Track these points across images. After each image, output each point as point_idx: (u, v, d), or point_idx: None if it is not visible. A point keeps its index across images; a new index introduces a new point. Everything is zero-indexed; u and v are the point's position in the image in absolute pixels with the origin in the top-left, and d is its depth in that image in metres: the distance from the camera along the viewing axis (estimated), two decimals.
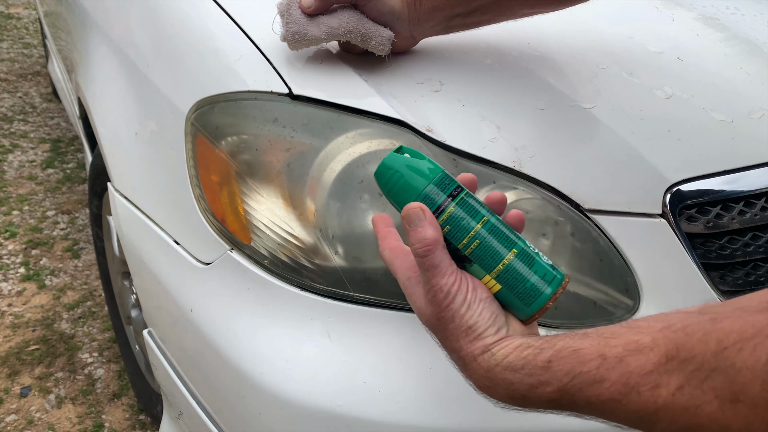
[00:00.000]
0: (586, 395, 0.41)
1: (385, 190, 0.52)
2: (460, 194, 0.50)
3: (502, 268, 0.48)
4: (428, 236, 0.47)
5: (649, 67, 0.80)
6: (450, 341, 0.48)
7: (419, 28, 0.72)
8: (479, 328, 0.47)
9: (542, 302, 0.48)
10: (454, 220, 0.49)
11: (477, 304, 0.47)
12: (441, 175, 0.50)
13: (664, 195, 0.71)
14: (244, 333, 0.69)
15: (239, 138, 0.72)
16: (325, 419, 0.65)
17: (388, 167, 0.51)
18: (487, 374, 0.46)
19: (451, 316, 0.47)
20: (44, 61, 3.53)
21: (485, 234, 0.49)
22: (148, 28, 0.94)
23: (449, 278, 0.47)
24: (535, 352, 0.44)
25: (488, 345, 0.46)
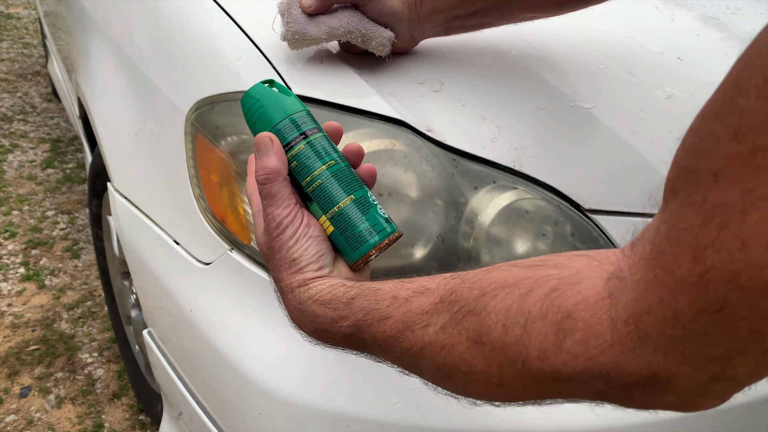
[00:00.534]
0: (373, 331, 0.43)
1: (246, 118, 0.53)
2: (315, 134, 0.51)
3: (336, 211, 0.50)
4: (270, 165, 0.49)
5: (649, 67, 0.80)
6: (275, 271, 0.50)
7: (419, 29, 0.72)
8: (302, 262, 0.48)
9: (367, 248, 0.50)
10: (302, 157, 0.50)
11: (306, 239, 0.49)
12: (300, 114, 0.51)
13: None
14: (243, 333, 0.69)
15: (239, 138, 0.72)
16: (324, 419, 0.64)
17: (251, 96, 0.52)
18: (299, 306, 0.48)
19: (279, 247, 0.49)
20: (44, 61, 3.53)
21: (328, 176, 0.50)
22: (148, 28, 0.94)
23: (284, 209, 0.49)
24: (345, 290, 0.46)
25: (307, 279, 0.48)
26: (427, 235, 0.67)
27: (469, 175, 0.68)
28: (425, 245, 0.67)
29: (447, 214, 0.67)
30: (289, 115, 0.51)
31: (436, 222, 0.67)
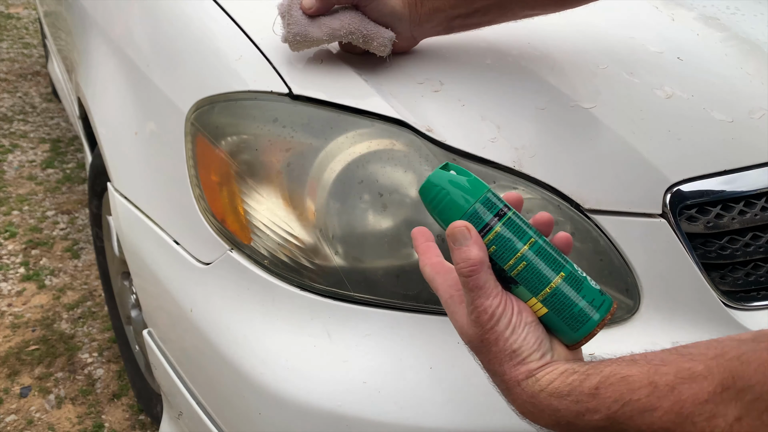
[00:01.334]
0: (637, 424, 0.40)
1: (430, 207, 0.51)
2: (507, 214, 0.48)
3: (549, 292, 0.47)
4: (473, 256, 0.46)
5: (649, 67, 0.80)
6: (492, 364, 0.47)
7: (420, 29, 0.72)
8: (523, 353, 0.46)
9: (590, 328, 0.47)
10: (501, 240, 0.47)
11: (522, 327, 0.46)
12: (488, 194, 0.48)
13: (665, 195, 0.70)
14: (243, 333, 0.69)
15: (239, 138, 0.72)
16: (324, 419, 0.64)
17: (433, 184, 0.50)
18: (531, 400, 0.45)
19: (495, 339, 0.46)
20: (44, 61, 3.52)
21: (532, 256, 0.47)
22: (148, 28, 0.94)
23: (494, 300, 0.46)
24: (581, 378, 0.43)
25: (532, 370, 0.45)
26: None
27: None
28: None
29: None
30: (477, 198, 0.48)
31: None
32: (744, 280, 0.73)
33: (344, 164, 0.68)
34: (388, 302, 0.68)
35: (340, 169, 0.68)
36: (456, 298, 0.50)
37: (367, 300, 0.68)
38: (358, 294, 0.68)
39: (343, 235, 0.67)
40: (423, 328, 0.67)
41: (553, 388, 0.44)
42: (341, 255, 0.68)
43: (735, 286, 0.73)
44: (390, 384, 0.65)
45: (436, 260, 0.53)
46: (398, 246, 0.67)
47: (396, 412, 0.64)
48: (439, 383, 0.65)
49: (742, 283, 0.73)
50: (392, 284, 0.67)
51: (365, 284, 0.68)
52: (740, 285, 0.73)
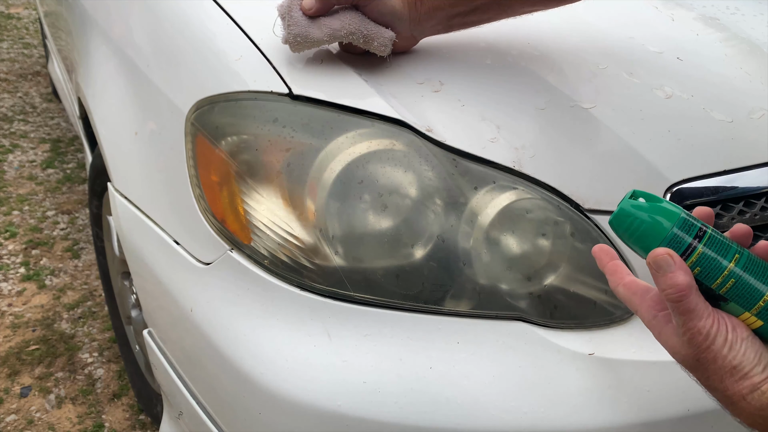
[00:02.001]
0: None
1: (625, 237, 0.50)
2: (706, 233, 0.48)
3: (763, 305, 0.46)
4: (680, 281, 0.46)
5: (649, 67, 0.80)
6: (713, 381, 0.47)
7: (420, 28, 0.72)
8: (745, 368, 0.46)
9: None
10: (705, 260, 0.47)
11: (739, 343, 0.46)
12: (683, 216, 0.48)
13: (664, 195, 0.71)
14: (244, 333, 0.69)
15: (239, 138, 0.72)
16: (324, 419, 0.64)
17: (627, 213, 0.49)
18: (760, 413, 0.45)
19: (713, 358, 0.46)
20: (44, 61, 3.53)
21: (739, 271, 0.47)
22: (148, 28, 0.94)
23: (707, 321, 0.46)
24: None
25: (756, 384, 0.45)
26: (427, 235, 0.67)
27: (469, 175, 0.68)
28: (425, 245, 0.67)
29: (447, 214, 0.67)
30: (674, 222, 0.48)
31: (436, 222, 0.67)
32: None
33: (344, 164, 0.68)
34: (388, 302, 0.68)
35: (340, 169, 0.68)
36: (661, 318, 0.50)
37: (367, 300, 0.68)
38: (358, 294, 0.68)
39: (343, 235, 0.67)
40: (423, 328, 0.67)
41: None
42: (341, 255, 0.68)
43: None
44: (390, 384, 0.65)
45: (629, 279, 0.52)
46: (398, 246, 0.67)
47: (396, 412, 0.64)
48: (439, 383, 0.65)
49: None
50: (392, 284, 0.67)
51: (365, 284, 0.68)
52: None
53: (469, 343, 0.67)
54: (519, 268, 0.69)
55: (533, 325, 0.68)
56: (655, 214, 0.48)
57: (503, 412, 0.64)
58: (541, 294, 0.69)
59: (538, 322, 0.69)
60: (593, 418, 0.65)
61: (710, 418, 0.68)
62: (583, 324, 0.70)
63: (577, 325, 0.70)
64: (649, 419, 0.66)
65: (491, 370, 0.66)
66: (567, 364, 0.67)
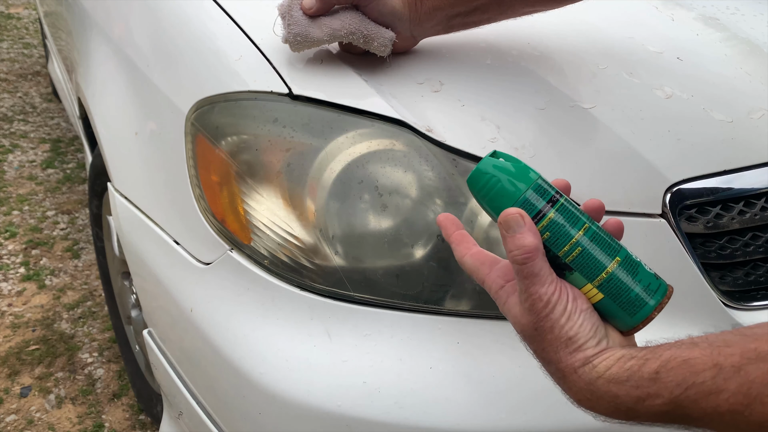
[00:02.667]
0: (702, 407, 0.39)
1: (479, 196, 0.50)
2: (560, 200, 0.48)
3: (605, 277, 0.46)
4: (528, 243, 0.45)
5: (649, 67, 0.80)
6: (547, 352, 0.46)
7: (420, 28, 0.72)
8: (579, 340, 0.45)
9: (647, 312, 0.46)
10: (555, 226, 0.47)
11: (578, 314, 0.46)
12: (539, 181, 0.48)
13: (664, 195, 0.71)
14: (244, 333, 0.69)
15: (239, 138, 0.72)
16: (324, 419, 0.64)
17: (483, 172, 0.49)
18: (588, 387, 0.44)
19: (550, 327, 0.45)
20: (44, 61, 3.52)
21: (586, 241, 0.47)
22: (148, 28, 0.94)
23: (549, 287, 0.46)
24: (639, 363, 0.43)
25: (589, 357, 0.45)
26: (427, 235, 0.67)
27: None
28: (425, 245, 0.67)
29: None
30: (529, 185, 0.48)
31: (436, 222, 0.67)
32: (744, 280, 0.73)
33: (344, 164, 0.68)
34: (388, 302, 0.68)
35: (340, 169, 0.68)
36: (508, 288, 0.49)
37: (367, 300, 0.68)
38: (358, 294, 0.68)
39: (343, 235, 0.67)
40: (423, 328, 0.67)
41: (611, 374, 0.43)
42: (341, 255, 0.68)
43: (735, 286, 0.73)
44: (390, 384, 0.65)
45: (476, 250, 0.52)
46: (398, 246, 0.67)
47: (396, 412, 0.64)
48: (439, 383, 0.65)
49: (741, 283, 0.73)
50: (392, 284, 0.67)
51: (365, 284, 0.68)
52: (740, 285, 0.73)
53: (469, 343, 0.67)
54: None
55: None
56: (511, 175, 0.48)
57: (503, 412, 0.65)
58: None
59: None
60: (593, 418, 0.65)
61: None
62: None
63: None
64: None
65: (491, 370, 0.66)
66: None
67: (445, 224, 0.54)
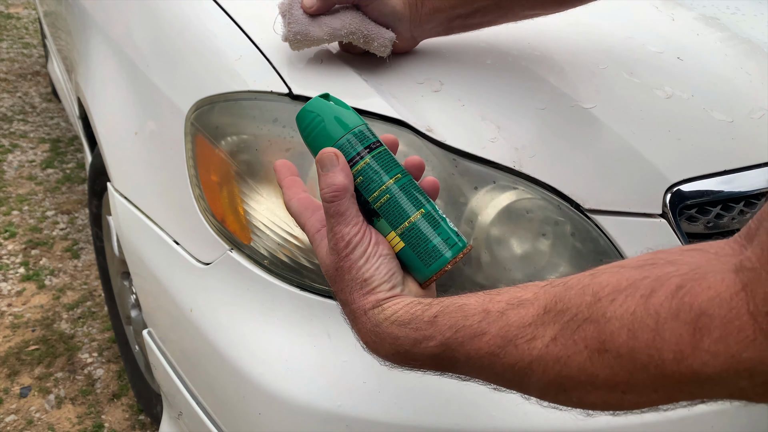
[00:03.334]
0: (467, 349, 0.41)
1: (304, 135, 0.51)
2: (378, 149, 0.50)
3: (407, 226, 0.48)
4: (338, 182, 0.47)
5: (649, 67, 0.80)
6: (344, 293, 0.48)
7: (420, 29, 0.72)
8: (374, 282, 0.47)
9: (441, 264, 0.48)
10: (368, 171, 0.49)
11: (376, 258, 0.47)
12: (361, 127, 0.50)
13: (665, 195, 0.71)
14: (243, 333, 0.69)
15: (239, 138, 0.72)
16: (324, 419, 0.64)
17: (309, 111, 0.50)
18: (374, 329, 0.46)
19: (349, 267, 0.47)
20: (44, 61, 3.52)
21: (396, 190, 0.49)
22: (148, 28, 0.94)
23: (353, 228, 0.47)
24: (423, 309, 0.44)
25: (380, 300, 0.46)
26: None
27: (469, 175, 0.68)
28: None
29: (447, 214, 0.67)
30: (351, 129, 0.49)
31: None
32: None
33: None
34: None
35: None
36: (323, 231, 0.50)
37: None
38: None
39: None
40: None
41: (396, 317, 0.45)
42: None
43: None
44: (390, 384, 0.65)
45: (304, 195, 0.53)
46: None
47: (396, 412, 0.64)
48: (439, 383, 0.65)
49: None
50: None
51: None
52: None
53: None
54: (519, 268, 0.69)
55: None
56: (335, 117, 0.50)
57: (503, 412, 0.64)
58: None
59: None
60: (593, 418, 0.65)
61: (710, 418, 0.68)
62: None
63: None
64: (649, 419, 0.66)
65: None
66: None
67: (279, 169, 0.54)
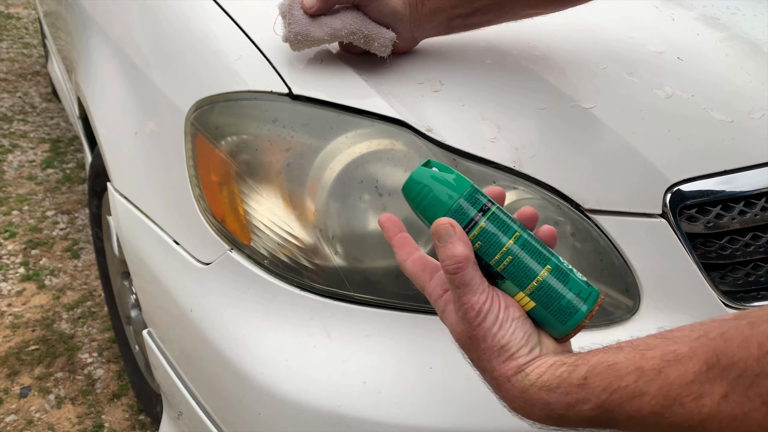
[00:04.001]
0: (627, 410, 0.40)
1: (414, 205, 0.50)
2: (491, 209, 0.48)
3: (536, 285, 0.47)
4: (458, 253, 0.46)
5: (649, 67, 0.80)
6: (482, 361, 0.47)
7: (420, 29, 0.72)
8: (512, 348, 0.45)
9: (578, 320, 0.47)
10: (486, 235, 0.47)
11: (509, 323, 0.46)
12: (471, 190, 0.48)
13: (665, 195, 0.70)
14: (243, 333, 0.69)
15: (239, 138, 0.72)
16: (324, 419, 0.64)
17: (416, 182, 0.49)
18: (521, 395, 0.45)
19: (483, 336, 0.46)
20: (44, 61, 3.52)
21: (518, 250, 0.47)
22: (147, 28, 0.94)
23: (480, 296, 0.46)
24: (569, 370, 0.43)
25: (521, 365, 0.45)
26: (427, 235, 0.67)
27: (469, 175, 0.68)
28: (425, 245, 0.67)
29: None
30: (461, 194, 0.48)
31: None
32: (744, 280, 0.73)
33: (344, 164, 0.68)
34: (388, 302, 0.68)
35: (340, 169, 0.68)
36: (446, 296, 0.50)
37: (367, 300, 0.68)
38: (358, 294, 0.68)
39: (343, 235, 0.67)
40: (423, 328, 0.67)
41: (542, 381, 0.44)
42: (341, 255, 0.68)
43: (735, 286, 0.73)
44: (390, 384, 0.65)
45: (417, 255, 0.52)
46: None
47: (396, 412, 0.64)
48: (439, 383, 0.65)
49: (742, 283, 0.73)
50: (392, 284, 0.67)
51: (365, 284, 0.68)
52: (740, 285, 0.73)
53: None
54: None
55: None
56: (443, 184, 0.49)
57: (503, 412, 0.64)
58: None
59: None
60: None
61: None
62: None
63: None
64: None
65: None
66: None
67: (386, 226, 0.53)
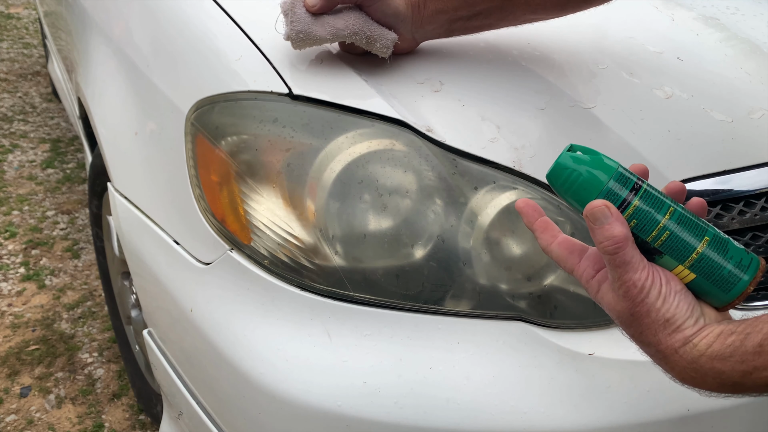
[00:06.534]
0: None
1: (562, 190, 0.50)
2: (642, 187, 0.48)
3: (696, 257, 0.47)
4: (617, 233, 0.46)
5: (649, 67, 0.80)
6: (646, 335, 0.47)
7: (421, 31, 0.72)
8: (677, 321, 0.46)
9: (741, 288, 0.47)
10: (641, 213, 0.48)
11: (672, 296, 0.47)
12: (620, 170, 0.49)
13: None
14: (243, 333, 0.69)
15: (239, 138, 0.72)
16: (324, 419, 0.65)
17: (563, 167, 0.49)
18: (691, 365, 0.45)
19: (647, 311, 0.47)
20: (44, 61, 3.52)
21: (674, 225, 0.47)
22: (148, 28, 0.94)
23: (642, 273, 0.47)
24: (741, 338, 0.44)
25: (688, 337, 0.46)
26: (427, 235, 0.67)
27: (469, 175, 0.68)
28: (425, 245, 0.67)
29: (447, 214, 0.67)
30: (610, 176, 0.48)
31: (436, 222, 0.67)
32: None
33: (344, 164, 0.68)
34: (388, 302, 0.68)
35: (340, 169, 0.68)
36: (599, 276, 0.50)
37: (367, 300, 0.68)
38: (358, 294, 0.68)
39: (343, 235, 0.67)
40: (423, 328, 0.67)
41: (713, 351, 0.44)
42: (341, 255, 0.68)
43: None
44: (390, 384, 0.65)
45: (562, 237, 0.52)
46: (398, 246, 0.67)
47: (396, 412, 0.64)
48: (439, 383, 0.65)
49: None
50: (392, 284, 0.67)
51: (365, 284, 0.68)
52: None
53: (469, 343, 0.67)
54: (519, 268, 0.69)
55: (533, 325, 0.68)
56: (592, 167, 0.49)
57: (503, 412, 0.65)
58: (541, 294, 0.69)
59: (538, 322, 0.69)
60: (593, 418, 0.65)
61: (710, 418, 0.68)
62: (583, 324, 0.70)
63: (577, 325, 0.70)
64: (649, 419, 0.66)
65: (491, 370, 0.66)
66: (567, 364, 0.67)
67: (526, 211, 0.54)
